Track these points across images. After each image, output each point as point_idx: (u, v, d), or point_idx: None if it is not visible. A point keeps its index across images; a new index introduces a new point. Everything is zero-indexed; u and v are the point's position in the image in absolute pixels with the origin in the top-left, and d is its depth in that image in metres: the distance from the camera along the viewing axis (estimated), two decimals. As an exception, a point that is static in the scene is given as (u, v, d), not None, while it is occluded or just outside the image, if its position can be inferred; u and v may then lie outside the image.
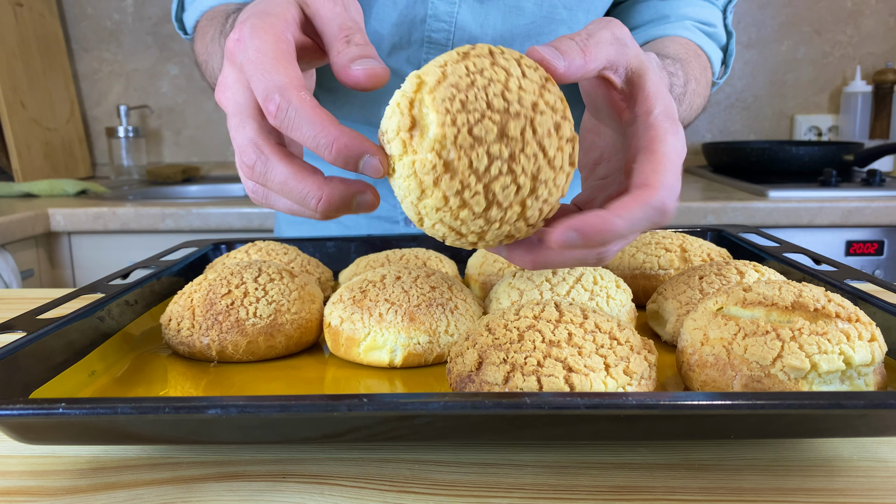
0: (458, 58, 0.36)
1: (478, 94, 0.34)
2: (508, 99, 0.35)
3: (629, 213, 0.36)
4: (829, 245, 1.42)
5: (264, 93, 0.36)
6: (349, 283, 0.53)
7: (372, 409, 0.32)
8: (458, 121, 0.34)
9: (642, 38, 0.74)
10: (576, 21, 0.75)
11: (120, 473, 0.38)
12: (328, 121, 0.35)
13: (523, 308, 0.41)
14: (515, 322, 0.40)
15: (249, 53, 0.37)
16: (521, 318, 0.40)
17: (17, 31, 1.82)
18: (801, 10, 1.99)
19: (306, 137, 0.35)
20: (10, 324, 0.46)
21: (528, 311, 0.41)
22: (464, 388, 0.39)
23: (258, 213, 1.46)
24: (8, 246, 1.36)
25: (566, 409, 0.32)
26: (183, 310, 0.51)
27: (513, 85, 0.35)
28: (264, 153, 0.37)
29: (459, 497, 0.35)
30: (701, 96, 0.68)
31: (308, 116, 0.35)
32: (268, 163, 0.37)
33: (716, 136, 2.06)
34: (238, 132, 0.38)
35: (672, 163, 0.37)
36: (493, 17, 0.74)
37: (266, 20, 0.38)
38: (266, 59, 0.36)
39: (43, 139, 1.88)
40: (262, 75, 0.36)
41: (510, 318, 0.41)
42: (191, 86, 2.09)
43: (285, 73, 0.36)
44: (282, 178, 0.37)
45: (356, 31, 0.39)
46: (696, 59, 0.68)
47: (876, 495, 0.34)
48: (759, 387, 0.38)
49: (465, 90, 0.34)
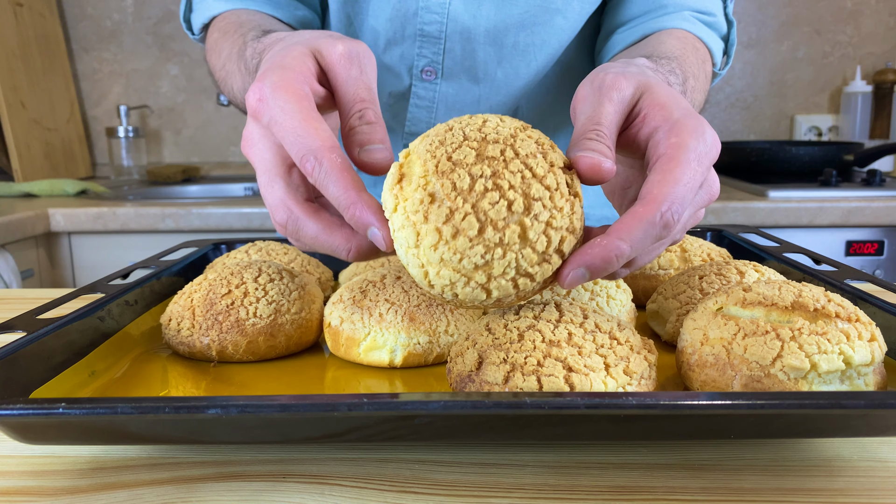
0: (443, 125, 0.38)
1: (454, 132, 0.36)
2: (485, 132, 0.36)
3: (630, 234, 0.34)
4: (829, 245, 1.42)
5: (299, 155, 0.38)
6: (349, 283, 0.53)
7: (372, 409, 0.32)
8: (437, 153, 0.35)
9: (640, 30, 0.73)
10: (570, 10, 0.74)
11: (120, 473, 0.38)
12: (352, 185, 0.38)
13: (523, 308, 0.41)
14: (515, 322, 0.40)
15: (275, 114, 0.39)
16: (522, 318, 0.40)
17: (17, 31, 1.82)
18: (801, 10, 1.99)
19: (332, 196, 0.38)
20: (10, 324, 0.46)
21: (529, 310, 0.41)
22: (464, 387, 0.39)
23: (258, 213, 1.46)
24: (8, 246, 1.36)
25: (566, 409, 0.32)
26: (183, 310, 0.51)
27: (490, 125, 0.37)
28: (294, 213, 0.41)
29: (459, 497, 0.35)
30: (701, 91, 0.67)
31: (335, 179, 0.38)
32: (298, 221, 0.41)
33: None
34: (268, 191, 0.41)
35: (685, 172, 0.36)
36: (486, 8, 0.74)
37: (284, 75, 0.40)
38: (294, 121, 0.39)
39: (43, 139, 1.88)
40: (296, 139, 0.38)
41: (510, 318, 0.41)
42: (191, 86, 2.09)
43: (317, 134, 0.38)
44: (312, 233, 0.40)
45: (368, 106, 0.42)
46: (693, 53, 0.67)
47: (876, 495, 0.34)
48: (758, 387, 0.38)
49: (443, 134, 0.37)
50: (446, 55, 0.76)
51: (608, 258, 0.34)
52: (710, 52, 0.73)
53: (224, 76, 0.68)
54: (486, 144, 0.35)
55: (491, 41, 0.76)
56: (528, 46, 0.77)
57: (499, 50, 0.76)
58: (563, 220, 0.35)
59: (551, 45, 0.77)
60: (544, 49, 0.77)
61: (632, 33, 0.73)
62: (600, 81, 0.41)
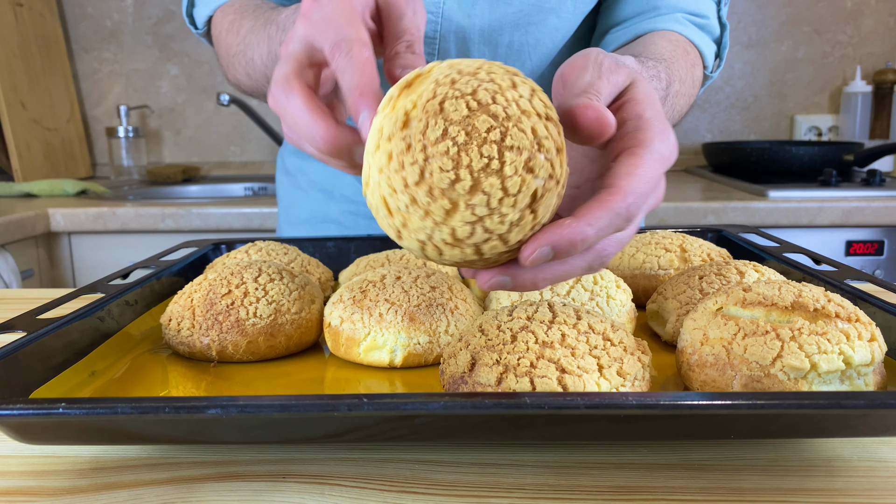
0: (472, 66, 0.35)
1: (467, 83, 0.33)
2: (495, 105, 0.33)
3: (597, 220, 0.34)
4: (829, 245, 1.42)
5: (334, 42, 0.39)
6: (349, 283, 0.53)
7: (372, 409, 0.32)
8: (439, 92, 0.33)
9: (633, 31, 0.73)
10: (564, 10, 0.75)
11: (120, 473, 0.38)
12: (369, 76, 0.38)
13: (516, 309, 0.41)
14: (508, 323, 0.40)
15: (327, 11, 0.40)
16: (514, 319, 0.40)
17: (17, 31, 1.82)
18: (801, 10, 1.99)
19: (346, 82, 0.38)
20: (10, 324, 0.46)
21: (522, 311, 0.41)
22: (456, 389, 0.39)
23: (258, 213, 1.46)
24: (8, 246, 1.36)
25: (566, 409, 0.32)
26: (183, 310, 0.51)
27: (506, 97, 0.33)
28: (290, 85, 0.40)
29: (459, 497, 0.35)
30: (685, 95, 0.67)
31: (356, 66, 0.38)
32: (290, 94, 0.39)
33: (716, 136, 2.06)
34: (278, 70, 0.41)
35: (650, 170, 0.36)
36: (481, 7, 0.74)
37: None
38: (342, 18, 0.40)
39: (43, 139, 1.88)
40: (336, 29, 0.39)
41: (503, 319, 0.40)
42: (191, 86, 2.09)
43: (357, 31, 0.39)
44: (296, 111, 0.39)
45: (416, 41, 0.42)
46: (683, 57, 0.67)
47: (876, 495, 0.34)
48: (758, 387, 0.38)
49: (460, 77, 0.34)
50: (440, 55, 0.76)
51: (574, 240, 0.33)
52: (702, 55, 0.73)
53: (243, 49, 0.68)
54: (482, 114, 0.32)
55: (485, 41, 0.76)
56: (522, 46, 0.77)
57: (493, 50, 0.76)
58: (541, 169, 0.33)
59: (545, 45, 0.77)
60: (538, 49, 0.77)
61: (624, 34, 0.74)
62: (599, 62, 0.40)
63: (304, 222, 0.94)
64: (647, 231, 0.67)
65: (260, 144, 2.10)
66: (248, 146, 2.11)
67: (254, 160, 2.11)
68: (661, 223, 1.41)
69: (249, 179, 1.97)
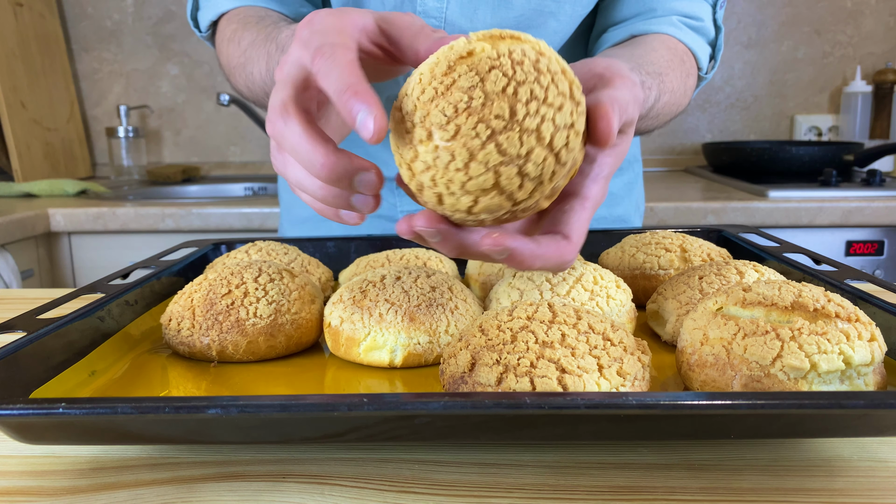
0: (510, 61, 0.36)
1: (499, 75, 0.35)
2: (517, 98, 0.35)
3: (545, 260, 0.39)
4: (829, 245, 1.42)
5: (317, 45, 0.39)
6: (349, 283, 0.53)
7: (372, 409, 0.32)
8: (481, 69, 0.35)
9: (628, 31, 0.74)
10: (563, 13, 0.75)
11: (120, 473, 0.38)
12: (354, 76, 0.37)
13: (516, 309, 0.41)
14: (508, 323, 0.40)
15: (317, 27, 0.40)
16: (514, 319, 0.40)
17: (17, 31, 1.82)
18: (801, 10, 1.99)
19: (330, 86, 0.37)
20: (10, 324, 0.46)
21: (522, 311, 0.41)
22: (456, 389, 0.39)
23: (258, 213, 1.46)
24: (8, 246, 1.36)
25: (566, 409, 0.32)
26: (183, 310, 0.51)
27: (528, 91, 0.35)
28: (288, 112, 0.39)
29: (459, 497, 0.35)
30: (674, 104, 0.68)
31: (340, 68, 0.37)
32: (288, 121, 0.39)
33: (716, 136, 2.06)
34: (275, 95, 0.41)
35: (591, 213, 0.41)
36: (483, 12, 0.74)
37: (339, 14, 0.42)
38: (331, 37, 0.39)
39: (43, 139, 1.88)
40: (322, 38, 0.39)
41: (503, 319, 0.40)
42: (191, 86, 2.09)
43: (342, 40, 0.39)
44: (295, 137, 0.39)
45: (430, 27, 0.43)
46: (679, 67, 0.68)
47: (876, 495, 0.34)
48: (758, 387, 0.38)
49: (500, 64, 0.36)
50: None
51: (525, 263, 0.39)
52: (696, 58, 0.74)
53: (244, 62, 0.68)
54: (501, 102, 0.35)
55: None
56: None
57: None
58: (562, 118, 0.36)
59: None
60: None
61: (620, 33, 0.75)
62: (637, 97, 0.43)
63: (306, 221, 0.95)
64: (647, 231, 0.67)
65: (260, 144, 2.10)
66: (248, 146, 2.11)
67: (254, 160, 2.11)
68: (661, 223, 1.41)
69: (249, 179, 1.97)
